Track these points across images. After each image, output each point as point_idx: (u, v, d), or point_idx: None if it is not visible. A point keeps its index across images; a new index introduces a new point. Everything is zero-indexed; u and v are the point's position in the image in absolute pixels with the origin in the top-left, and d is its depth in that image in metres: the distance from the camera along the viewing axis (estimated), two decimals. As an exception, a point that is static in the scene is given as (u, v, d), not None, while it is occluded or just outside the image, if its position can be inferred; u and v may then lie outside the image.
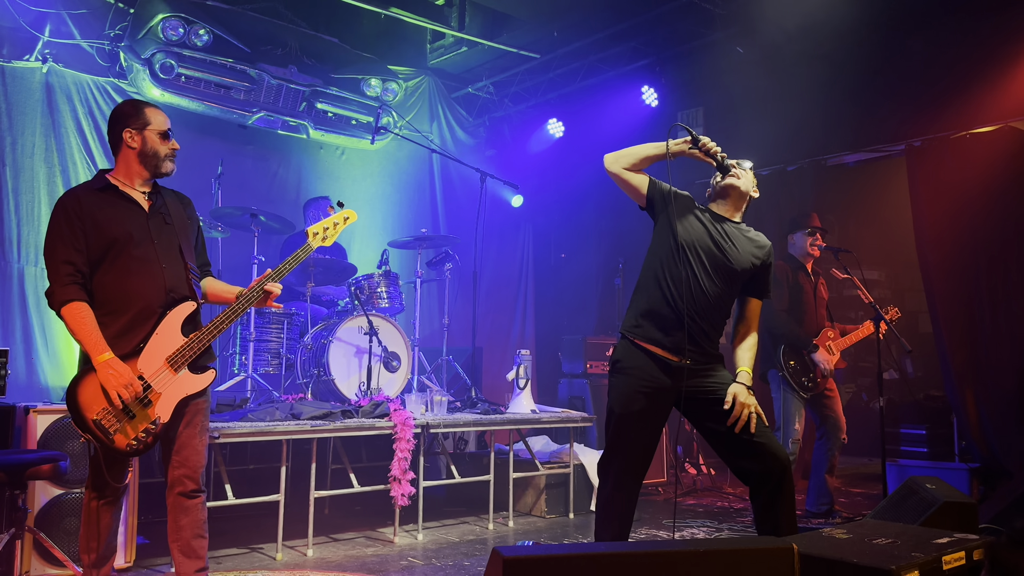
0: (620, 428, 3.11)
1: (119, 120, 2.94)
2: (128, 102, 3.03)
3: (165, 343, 2.86)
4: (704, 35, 6.69)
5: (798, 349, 5.09)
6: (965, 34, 5.61)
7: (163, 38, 5.98)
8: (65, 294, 2.75)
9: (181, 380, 2.88)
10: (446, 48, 7.68)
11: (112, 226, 2.84)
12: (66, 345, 5.69)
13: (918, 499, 3.31)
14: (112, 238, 2.83)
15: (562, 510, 5.57)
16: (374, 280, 5.66)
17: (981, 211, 5.61)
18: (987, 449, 5.48)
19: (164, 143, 2.97)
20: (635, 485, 3.15)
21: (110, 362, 2.73)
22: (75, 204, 2.83)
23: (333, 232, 3.24)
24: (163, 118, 2.99)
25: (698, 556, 2.03)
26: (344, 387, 5.16)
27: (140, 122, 2.93)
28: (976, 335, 5.63)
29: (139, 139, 2.93)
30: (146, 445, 2.80)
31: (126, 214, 2.90)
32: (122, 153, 2.95)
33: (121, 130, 2.93)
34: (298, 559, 4.28)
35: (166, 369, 2.84)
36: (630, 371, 3.11)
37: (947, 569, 2.39)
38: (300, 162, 7.17)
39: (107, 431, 2.72)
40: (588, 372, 6.45)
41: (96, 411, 2.72)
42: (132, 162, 2.94)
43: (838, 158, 6.59)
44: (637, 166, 3.17)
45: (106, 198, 2.90)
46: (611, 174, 3.18)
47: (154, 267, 2.89)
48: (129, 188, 2.95)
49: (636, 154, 3.15)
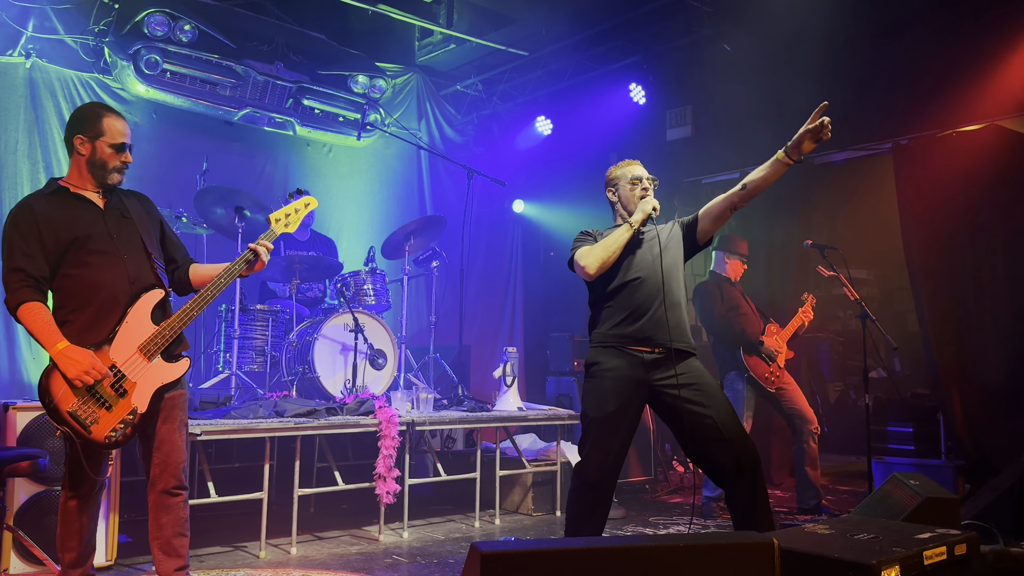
0: (598, 429, 3.19)
1: (74, 125, 2.93)
2: (90, 107, 3.02)
3: (136, 332, 2.84)
4: (692, 33, 6.69)
5: (755, 348, 5.29)
6: (951, 32, 5.62)
7: (148, 33, 5.94)
8: (16, 298, 2.76)
9: (155, 369, 2.86)
10: (434, 45, 7.65)
11: (67, 226, 2.84)
12: (49, 342, 5.64)
13: (901, 495, 3.31)
14: (70, 237, 2.83)
15: (549, 507, 5.56)
16: (360, 277, 5.63)
17: (968, 209, 5.62)
18: (973, 446, 5.50)
19: (114, 156, 2.94)
20: (613, 483, 3.22)
21: (65, 351, 2.71)
22: (25, 213, 2.83)
23: (295, 218, 3.27)
24: (120, 130, 2.95)
25: (678, 551, 2.02)
26: (329, 384, 5.13)
27: (94, 131, 2.91)
28: (962, 333, 5.64)
29: (88, 147, 2.91)
30: (125, 436, 2.78)
31: (81, 213, 2.90)
32: (73, 158, 2.95)
33: (73, 135, 2.92)
34: (282, 557, 4.25)
35: (139, 357, 2.83)
36: (605, 372, 3.24)
37: (928, 564, 2.38)
38: (287, 159, 7.13)
39: (83, 422, 2.71)
40: (575, 370, 6.43)
41: (71, 402, 2.71)
42: (82, 167, 2.94)
43: (826, 156, 6.59)
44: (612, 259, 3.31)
45: (58, 201, 2.89)
46: (591, 275, 3.33)
47: (114, 258, 2.88)
48: (82, 190, 2.95)
49: (603, 247, 3.32)
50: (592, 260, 3.26)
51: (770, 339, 5.37)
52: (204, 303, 2.94)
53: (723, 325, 5.34)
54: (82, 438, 2.72)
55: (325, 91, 6.86)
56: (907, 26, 5.82)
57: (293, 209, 3.26)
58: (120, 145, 2.94)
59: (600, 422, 3.18)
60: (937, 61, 5.70)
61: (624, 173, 3.52)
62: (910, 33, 5.82)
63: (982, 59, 5.47)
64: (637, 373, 3.21)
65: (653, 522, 5.18)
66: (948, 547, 2.48)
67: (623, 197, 3.48)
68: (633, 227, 3.28)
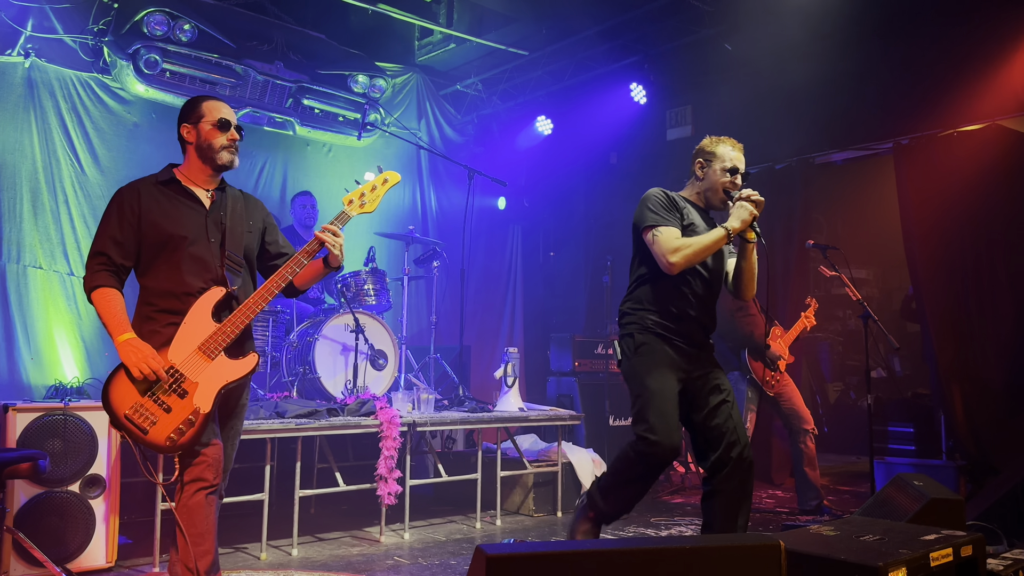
0: (658, 399, 3.11)
1: (179, 119, 2.92)
2: (190, 100, 2.98)
3: (195, 331, 2.73)
4: (692, 32, 6.69)
5: (760, 352, 5.32)
6: (952, 32, 5.62)
7: (147, 33, 5.91)
8: (93, 281, 2.72)
9: (217, 367, 2.73)
10: (434, 45, 7.65)
11: (168, 223, 2.79)
12: (48, 343, 5.63)
13: (905, 496, 3.30)
14: (167, 235, 2.77)
15: (550, 508, 5.54)
16: (361, 277, 5.62)
17: (968, 209, 5.62)
18: (974, 446, 5.49)
19: (218, 134, 2.87)
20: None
21: (130, 340, 2.64)
22: (132, 198, 2.80)
23: (371, 197, 2.99)
24: (218, 108, 2.91)
25: (684, 553, 2.01)
26: (330, 385, 5.12)
27: (195, 116, 2.89)
28: (963, 333, 5.64)
29: (194, 133, 2.88)
30: (187, 439, 2.66)
31: (186, 212, 2.84)
32: (186, 151, 2.92)
33: (179, 127, 2.91)
34: (283, 559, 4.24)
35: (199, 357, 2.71)
36: (657, 352, 3.17)
37: (934, 566, 2.37)
38: (287, 159, 7.11)
39: (140, 426, 2.62)
40: (576, 370, 6.43)
41: (128, 406, 2.63)
42: (192, 157, 2.90)
43: (826, 156, 6.59)
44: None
45: (167, 192, 2.85)
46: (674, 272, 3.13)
47: (206, 265, 2.81)
48: (193, 185, 2.90)
49: (698, 249, 3.10)
50: (682, 259, 3.05)
51: (774, 343, 5.40)
52: (269, 295, 2.81)
53: (730, 325, 5.34)
54: (140, 441, 2.64)
55: (325, 91, 6.84)
56: (908, 26, 5.82)
57: (370, 187, 2.99)
58: (223, 122, 2.88)
59: (660, 393, 3.12)
60: (938, 61, 5.70)
61: (724, 155, 3.26)
62: (911, 33, 5.82)
63: (983, 59, 5.47)
64: (680, 362, 3.19)
65: (655, 523, 5.17)
66: (954, 549, 2.47)
67: (711, 179, 3.26)
68: (732, 236, 3.08)
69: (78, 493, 3.78)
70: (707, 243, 3.07)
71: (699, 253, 3.06)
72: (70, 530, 3.75)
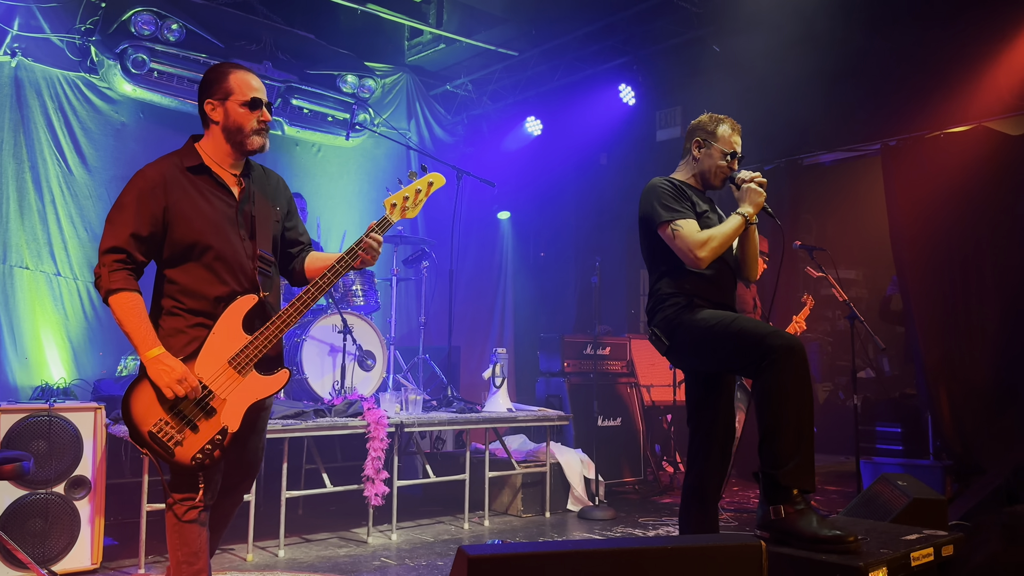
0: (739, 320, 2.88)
1: (202, 90, 2.62)
2: (216, 67, 2.66)
3: (225, 344, 2.51)
4: (681, 34, 6.70)
5: None
6: (939, 35, 5.64)
7: (135, 32, 5.90)
8: (112, 282, 2.42)
9: (249, 383, 2.52)
10: (424, 45, 7.65)
11: (201, 221, 2.52)
12: (35, 344, 5.60)
13: (889, 496, 3.32)
14: (199, 232, 2.51)
15: (538, 509, 5.54)
16: (349, 278, 5.61)
17: (955, 210, 5.65)
18: (960, 446, 5.52)
19: (249, 116, 2.58)
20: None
21: (160, 357, 2.41)
22: (157, 185, 2.49)
23: (413, 201, 2.72)
24: (249, 84, 2.61)
25: (666, 553, 2.01)
26: (317, 386, 5.11)
27: (222, 92, 2.58)
28: (949, 333, 5.67)
29: (221, 112, 2.58)
30: (213, 459, 2.46)
31: (218, 205, 2.57)
32: (208, 129, 2.62)
33: (203, 102, 2.61)
34: (269, 560, 4.23)
35: (229, 372, 2.49)
36: (702, 307, 2.99)
37: (915, 566, 2.39)
38: (275, 159, 7.08)
39: (166, 445, 2.42)
40: (565, 371, 6.43)
41: (152, 422, 2.42)
42: (218, 137, 2.60)
43: (814, 157, 6.62)
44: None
45: (198, 184, 2.56)
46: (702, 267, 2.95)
47: (236, 266, 2.58)
48: (221, 169, 2.61)
49: (723, 239, 2.94)
50: (710, 252, 2.88)
51: None
52: (304, 307, 2.57)
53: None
54: (166, 461, 2.46)
55: (314, 91, 6.83)
56: (895, 29, 5.85)
57: (413, 191, 2.73)
58: (254, 100, 2.59)
59: (730, 315, 2.95)
60: (925, 63, 5.73)
61: (724, 136, 3.14)
62: (898, 35, 5.84)
63: (969, 61, 5.50)
64: None
65: (643, 523, 5.18)
66: (935, 548, 2.48)
67: (709, 162, 3.12)
68: (750, 221, 2.97)
69: (63, 494, 3.76)
70: (729, 232, 2.93)
71: (724, 244, 2.91)
72: (55, 532, 3.73)
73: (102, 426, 3.91)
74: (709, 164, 3.12)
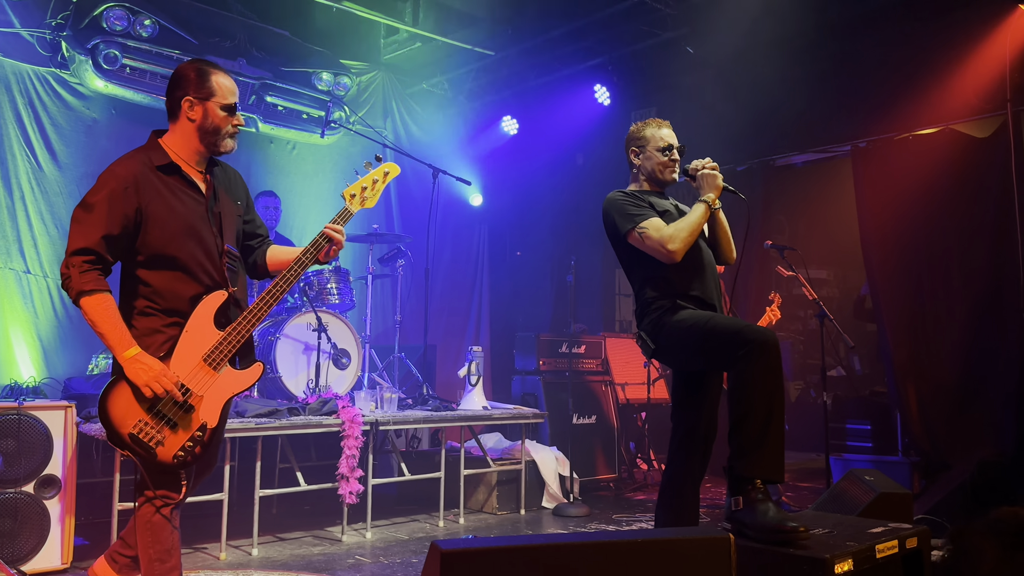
0: (715, 318, 2.95)
1: (180, 84, 2.59)
2: (193, 64, 2.64)
3: (198, 341, 2.53)
4: (655, 35, 6.76)
5: None
6: (908, 38, 5.74)
7: (107, 28, 5.83)
8: (83, 283, 2.41)
9: (224, 379, 2.55)
10: (400, 43, 7.64)
11: (175, 221, 2.53)
12: (3, 342, 5.52)
13: (857, 491, 3.38)
14: (172, 233, 2.53)
15: (513, 506, 5.57)
16: (324, 276, 5.59)
17: (923, 211, 5.75)
18: (928, 442, 5.62)
19: (227, 120, 2.61)
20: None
21: (138, 356, 2.42)
22: (129, 186, 2.47)
23: (372, 191, 2.81)
24: (231, 89, 2.63)
25: (634, 546, 2.04)
26: (292, 384, 5.09)
27: (203, 91, 2.57)
28: (917, 332, 5.77)
29: (200, 111, 2.58)
30: (194, 456, 2.48)
31: (189, 204, 2.58)
32: (180, 123, 2.60)
33: (181, 97, 2.58)
34: (243, 559, 4.21)
35: (204, 369, 2.51)
36: (685, 308, 3.04)
37: (880, 558, 2.44)
38: (249, 156, 7.04)
39: (147, 445, 2.42)
40: (541, 369, 6.46)
41: (132, 424, 2.42)
42: (190, 135, 2.59)
43: (786, 158, 6.70)
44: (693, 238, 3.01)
45: (169, 183, 2.56)
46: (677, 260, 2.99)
47: (214, 265, 2.61)
48: (188, 167, 2.61)
49: (691, 230, 2.99)
50: (681, 244, 2.92)
51: None
52: (273, 301, 2.59)
53: None
54: (147, 462, 2.47)
55: (289, 88, 6.79)
56: (865, 32, 5.94)
57: (371, 180, 2.80)
58: (231, 106, 2.62)
59: (711, 315, 3.02)
60: (894, 67, 5.82)
61: (653, 136, 3.24)
62: (868, 39, 5.94)
63: (937, 65, 5.60)
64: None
65: (616, 519, 5.22)
66: (900, 540, 2.54)
67: (650, 163, 3.21)
68: (713, 207, 3.04)
69: (32, 494, 3.73)
70: (695, 220, 2.99)
71: (693, 233, 2.97)
72: (24, 531, 3.69)
73: (72, 425, 3.87)
74: (651, 165, 3.23)
